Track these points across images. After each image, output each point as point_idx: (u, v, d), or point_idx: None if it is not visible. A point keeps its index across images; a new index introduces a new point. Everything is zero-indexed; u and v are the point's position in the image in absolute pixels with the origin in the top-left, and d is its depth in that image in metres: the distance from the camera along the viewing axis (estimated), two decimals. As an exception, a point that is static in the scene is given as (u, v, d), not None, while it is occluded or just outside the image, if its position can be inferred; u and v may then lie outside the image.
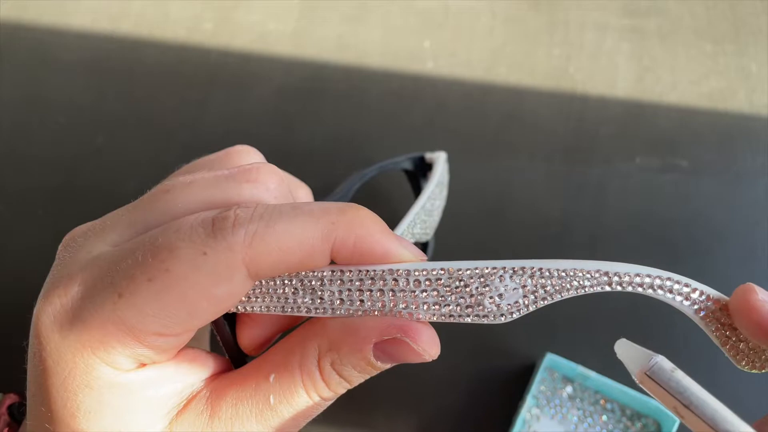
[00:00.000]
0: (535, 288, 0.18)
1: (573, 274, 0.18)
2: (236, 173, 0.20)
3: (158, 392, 0.19)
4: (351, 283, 0.19)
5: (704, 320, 0.19)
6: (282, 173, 0.22)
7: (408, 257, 0.19)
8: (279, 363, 0.19)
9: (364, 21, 0.47)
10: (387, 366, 0.19)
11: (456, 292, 0.18)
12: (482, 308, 0.18)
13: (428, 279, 0.19)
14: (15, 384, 0.24)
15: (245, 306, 0.20)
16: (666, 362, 0.18)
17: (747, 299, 0.18)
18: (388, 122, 0.44)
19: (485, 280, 0.18)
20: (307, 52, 0.46)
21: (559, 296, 0.18)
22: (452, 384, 0.37)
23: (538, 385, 0.36)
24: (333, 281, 0.19)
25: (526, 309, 0.18)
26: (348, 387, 0.20)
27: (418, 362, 0.19)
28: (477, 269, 0.18)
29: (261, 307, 0.20)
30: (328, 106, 0.44)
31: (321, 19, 0.47)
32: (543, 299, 0.18)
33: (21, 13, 0.48)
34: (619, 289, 0.18)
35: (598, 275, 0.18)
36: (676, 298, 0.19)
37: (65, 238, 0.20)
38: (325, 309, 0.19)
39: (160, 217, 0.20)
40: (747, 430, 0.16)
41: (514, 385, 0.36)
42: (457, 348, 0.36)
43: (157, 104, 0.45)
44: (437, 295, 0.19)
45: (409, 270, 0.19)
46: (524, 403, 0.34)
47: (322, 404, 0.20)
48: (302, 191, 0.29)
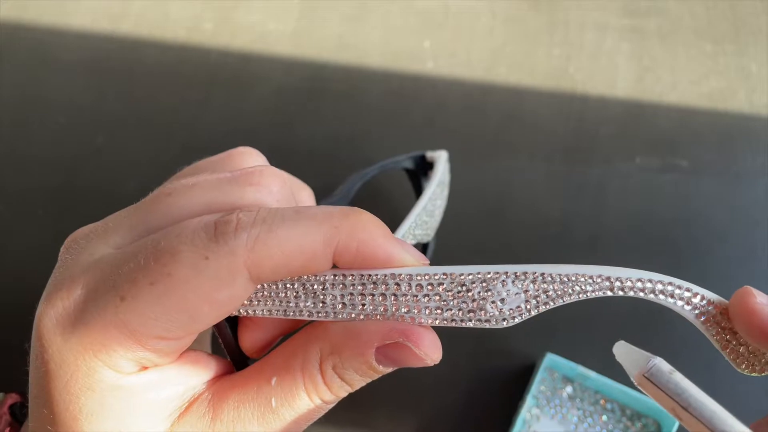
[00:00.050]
0: (537, 293, 0.18)
1: (575, 279, 0.18)
2: (239, 176, 0.20)
3: (160, 395, 0.19)
4: (353, 288, 0.19)
5: (705, 324, 0.19)
6: (285, 176, 0.22)
7: (410, 261, 0.19)
8: (281, 366, 0.19)
9: (364, 21, 0.47)
10: (389, 370, 0.19)
11: (458, 297, 0.19)
12: (484, 313, 0.18)
13: (430, 283, 0.19)
14: (16, 384, 0.24)
15: (247, 309, 0.20)
16: (664, 364, 0.18)
17: (745, 302, 0.18)
18: (388, 122, 0.44)
19: (487, 285, 0.18)
20: (307, 52, 0.46)
21: (561, 301, 0.18)
22: (452, 384, 0.37)
23: (538, 385, 0.36)
24: (335, 285, 0.19)
25: (528, 314, 0.19)
26: (350, 390, 0.20)
27: (421, 366, 0.19)
28: (479, 274, 0.18)
29: (263, 311, 0.20)
30: (328, 106, 0.44)
31: (321, 19, 0.47)
32: (545, 304, 0.18)
33: (21, 13, 0.48)
34: (621, 294, 0.18)
35: (600, 280, 0.18)
36: (678, 303, 0.19)
37: (67, 240, 0.20)
38: (327, 313, 0.19)
39: (162, 220, 0.20)
40: (745, 432, 0.16)
41: (514, 385, 0.36)
42: (458, 348, 0.36)
43: (157, 104, 0.45)
44: (439, 300, 0.19)
45: (412, 274, 0.19)
46: (524, 403, 0.34)
47: (324, 407, 0.20)
48: (305, 194, 0.29)
